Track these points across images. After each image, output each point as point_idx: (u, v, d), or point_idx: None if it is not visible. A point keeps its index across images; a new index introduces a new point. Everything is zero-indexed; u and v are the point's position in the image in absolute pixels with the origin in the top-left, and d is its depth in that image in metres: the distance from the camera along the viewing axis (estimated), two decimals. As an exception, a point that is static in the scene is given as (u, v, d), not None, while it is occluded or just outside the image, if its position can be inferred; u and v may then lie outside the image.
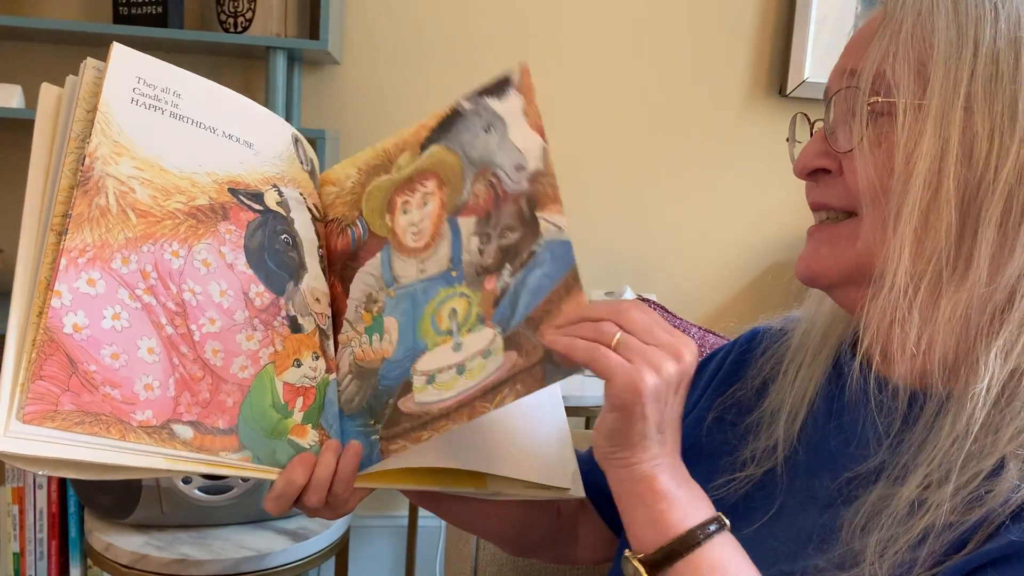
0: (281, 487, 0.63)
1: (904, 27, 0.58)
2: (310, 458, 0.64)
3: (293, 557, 1.46)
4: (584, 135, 2.11)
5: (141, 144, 0.63)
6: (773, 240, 2.18)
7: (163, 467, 0.58)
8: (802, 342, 0.71)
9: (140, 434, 0.58)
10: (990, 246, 0.55)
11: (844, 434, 0.63)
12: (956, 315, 0.56)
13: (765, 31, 2.12)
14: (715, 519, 0.57)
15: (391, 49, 2.03)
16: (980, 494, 0.53)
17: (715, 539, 0.56)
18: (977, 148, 0.55)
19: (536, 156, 0.64)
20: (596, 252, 2.15)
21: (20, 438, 0.53)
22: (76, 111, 0.61)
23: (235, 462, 0.62)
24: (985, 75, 0.55)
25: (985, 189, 0.55)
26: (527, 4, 2.06)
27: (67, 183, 0.59)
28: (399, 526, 2.15)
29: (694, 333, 1.33)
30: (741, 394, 0.74)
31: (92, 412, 0.56)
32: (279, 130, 0.72)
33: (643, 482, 0.57)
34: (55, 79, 0.65)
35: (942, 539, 0.53)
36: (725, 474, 0.69)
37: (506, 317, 0.63)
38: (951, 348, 0.57)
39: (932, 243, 0.56)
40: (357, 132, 2.04)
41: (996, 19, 0.56)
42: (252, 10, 1.80)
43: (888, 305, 0.57)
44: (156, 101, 0.65)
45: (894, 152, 0.57)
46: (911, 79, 0.57)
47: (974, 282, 0.56)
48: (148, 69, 0.66)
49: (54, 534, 1.75)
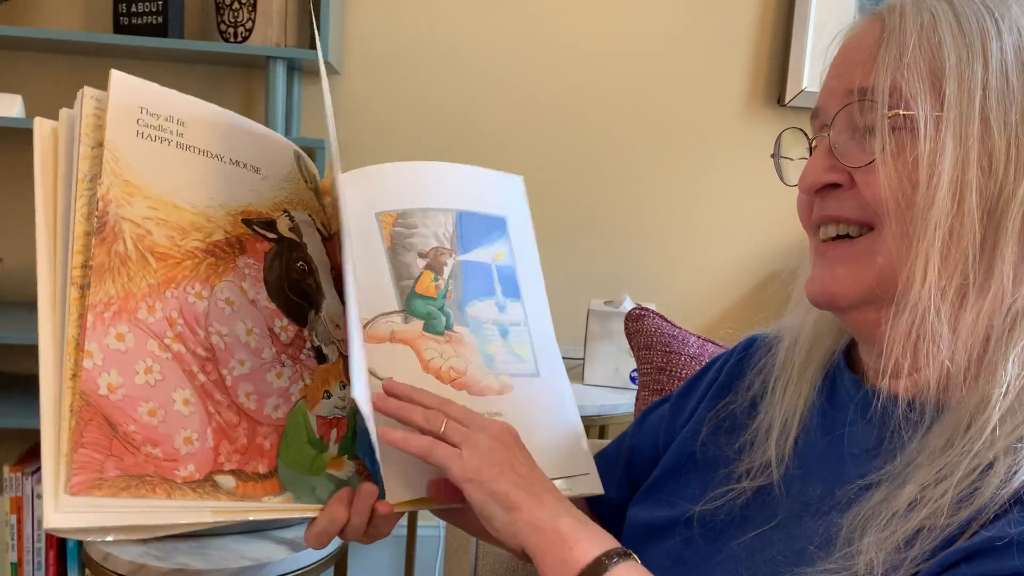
0: (324, 525, 0.64)
1: (910, 41, 0.58)
2: (349, 494, 0.65)
3: (292, 567, 1.46)
4: (584, 145, 2.12)
5: (152, 181, 0.61)
6: (772, 249, 2.19)
7: (210, 520, 0.58)
8: (787, 358, 0.71)
9: (185, 490, 0.57)
10: (1012, 256, 0.56)
11: (845, 446, 0.63)
12: (980, 325, 0.57)
13: (763, 41, 2.13)
14: (620, 551, 0.59)
15: (390, 59, 2.04)
16: (970, 492, 0.53)
17: (620, 565, 0.58)
18: (996, 160, 0.56)
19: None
20: (595, 261, 2.15)
21: (70, 512, 0.52)
22: (80, 148, 0.59)
23: (278, 505, 0.61)
24: (998, 88, 0.56)
25: (1006, 200, 0.56)
26: (525, 15, 2.07)
27: (81, 230, 0.57)
28: (398, 535, 2.14)
29: (693, 342, 1.33)
30: (735, 406, 0.75)
31: (137, 474, 0.55)
32: (282, 149, 0.72)
33: (537, 534, 0.60)
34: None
35: (933, 537, 0.53)
36: (722, 485, 0.69)
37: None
38: (972, 357, 0.58)
39: (957, 255, 0.56)
40: (356, 141, 2.05)
41: (1000, 33, 0.57)
42: (252, 20, 1.81)
43: (916, 320, 0.57)
44: (161, 132, 0.63)
45: (918, 164, 0.57)
46: (927, 92, 0.57)
47: (997, 292, 0.56)
48: (150, 97, 0.63)
49: (52, 544, 1.75)
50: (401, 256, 0.74)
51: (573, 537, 0.59)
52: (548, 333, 0.77)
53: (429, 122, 2.07)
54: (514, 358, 0.74)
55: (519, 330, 0.75)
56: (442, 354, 0.72)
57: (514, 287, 0.76)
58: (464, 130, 2.07)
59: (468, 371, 0.72)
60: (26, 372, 1.90)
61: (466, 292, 0.74)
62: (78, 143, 0.59)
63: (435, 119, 2.07)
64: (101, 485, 0.54)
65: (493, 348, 0.74)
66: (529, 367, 0.75)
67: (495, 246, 0.76)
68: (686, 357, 1.33)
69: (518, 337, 0.75)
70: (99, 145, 0.59)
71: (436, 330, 0.72)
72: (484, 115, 2.07)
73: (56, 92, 1.92)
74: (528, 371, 0.75)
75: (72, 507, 0.52)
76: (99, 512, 0.53)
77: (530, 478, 0.63)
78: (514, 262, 0.77)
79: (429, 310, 0.73)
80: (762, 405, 0.71)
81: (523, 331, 0.76)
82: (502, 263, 0.76)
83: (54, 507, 0.52)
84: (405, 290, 0.73)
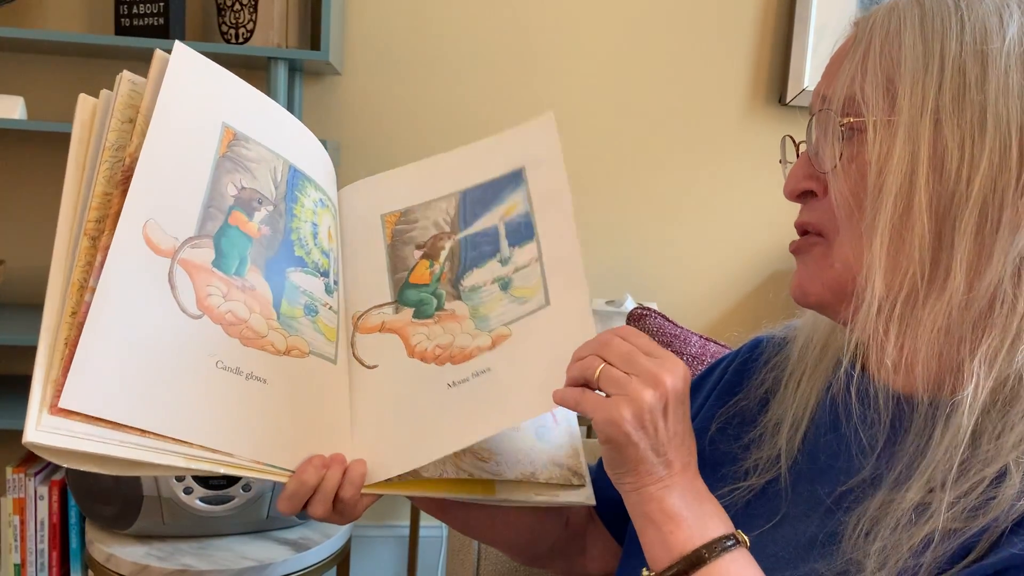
0: (293, 488, 0.65)
1: (872, 47, 0.59)
2: (322, 460, 0.65)
3: (294, 567, 1.46)
4: (585, 144, 2.12)
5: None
6: (774, 248, 2.19)
7: (182, 465, 0.59)
8: (802, 354, 0.72)
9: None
10: (967, 255, 0.56)
11: (843, 444, 0.64)
12: (938, 325, 0.57)
13: (764, 40, 2.12)
14: (725, 537, 0.58)
15: (392, 59, 2.04)
16: (983, 502, 0.53)
17: (724, 557, 0.57)
18: (948, 160, 0.56)
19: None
20: (597, 261, 2.15)
21: (49, 431, 0.54)
22: (111, 122, 0.62)
23: (249, 463, 0.62)
24: (953, 87, 0.56)
25: (959, 199, 0.56)
26: (527, 14, 2.07)
27: (101, 189, 0.61)
28: (400, 535, 2.15)
29: (695, 342, 1.33)
30: (744, 404, 0.75)
31: None
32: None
33: (652, 503, 0.59)
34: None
35: (945, 546, 0.53)
36: (728, 484, 0.69)
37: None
38: (935, 357, 0.58)
39: (907, 256, 0.57)
40: (358, 142, 2.05)
41: (962, 31, 0.57)
42: (253, 21, 1.81)
43: (868, 320, 0.58)
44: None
45: (866, 169, 0.58)
46: (880, 97, 0.58)
47: (953, 291, 0.56)
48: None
49: (55, 545, 1.75)
50: (399, 251, 0.75)
51: (678, 519, 0.58)
52: (568, 258, 0.71)
53: (429, 122, 2.07)
54: (515, 304, 0.71)
55: (526, 272, 0.72)
56: (429, 335, 0.72)
57: (527, 230, 0.73)
58: (464, 130, 2.07)
59: (454, 342, 0.71)
60: (29, 374, 1.89)
61: (463, 266, 0.74)
62: (110, 118, 0.63)
63: (435, 119, 2.07)
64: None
65: (488, 308, 0.72)
66: (535, 303, 0.71)
67: (504, 204, 0.74)
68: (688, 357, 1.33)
69: (524, 280, 0.72)
70: (129, 121, 0.63)
71: (426, 314, 0.72)
72: (484, 115, 2.07)
73: (58, 94, 1.92)
74: (532, 308, 0.71)
75: (52, 427, 0.54)
76: (75, 437, 0.55)
77: (668, 446, 0.60)
78: (530, 206, 0.74)
79: (421, 297, 0.73)
80: (774, 400, 0.72)
81: (532, 270, 0.72)
82: (512, 216, 0.74)
83: (35, 425, 0.54)
84: (399, 282, 0.74)
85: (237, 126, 0.68)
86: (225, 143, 0.67)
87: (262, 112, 0.71)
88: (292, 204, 0.71)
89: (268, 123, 0.71)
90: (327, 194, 0.76)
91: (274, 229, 0.69)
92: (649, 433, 0.58)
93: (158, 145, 0.62)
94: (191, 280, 0.62)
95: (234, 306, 0.64)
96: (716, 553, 0.57)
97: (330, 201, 0.76)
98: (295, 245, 0.70)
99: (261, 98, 0.72)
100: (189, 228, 0.63)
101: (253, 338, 0.65)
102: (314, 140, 0.76)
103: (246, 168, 0.68)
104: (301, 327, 0.68)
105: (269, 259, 0.68)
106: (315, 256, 0.71)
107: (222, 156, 0.66)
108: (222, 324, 0.63)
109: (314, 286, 0.70)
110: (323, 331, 0.70)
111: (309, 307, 0.69)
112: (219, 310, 0.63)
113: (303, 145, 0.74)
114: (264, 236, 0.68)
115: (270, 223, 0.68)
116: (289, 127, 0.74)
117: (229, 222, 0.66)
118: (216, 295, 0.63)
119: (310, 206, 0.72)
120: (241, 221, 0.67)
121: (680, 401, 0.59)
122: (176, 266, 0.62)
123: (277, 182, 0.70)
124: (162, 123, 0.63)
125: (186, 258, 0.62)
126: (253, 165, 0.68)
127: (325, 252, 0.73)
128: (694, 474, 0.61)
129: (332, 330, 0.71)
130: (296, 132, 0.74)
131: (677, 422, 0.59)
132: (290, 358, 0.67)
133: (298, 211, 0.71)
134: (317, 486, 0.65)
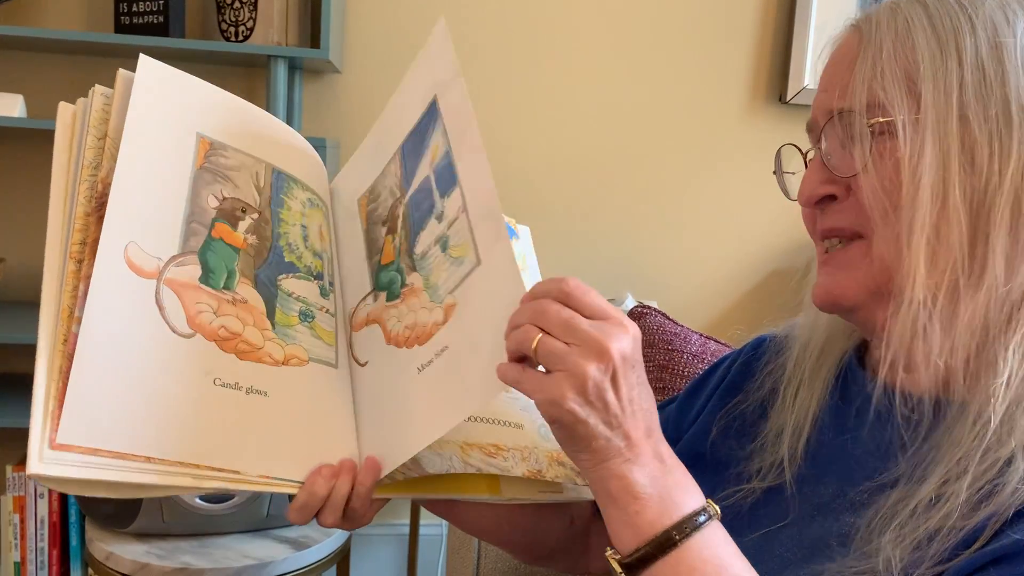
0: (304, 499, 0.63)
1: (885, 47, 0.59)
2: (331, 469, 0.64)
3: (294, 565, 1.46)
4: (585, 142, 2.12)
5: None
6: (774, 247, 2.19)
7: (189, 485, 0.58)
8: (799, 360, 0.72)
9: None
10: (1004, 248, 0.57)
11: (860, 446, 0.63)
12: (976, 319, 0.57)
13: (765, 38, 2.12)
14: (695, 513, 0.55)
15: (392, 58, 2.04)
16: (989, 489, 0.53)
17: (694, 537, 0.54)
18: (979, 155, 0.56)
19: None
20: (597, 259, 2.15)
21: (52, 464, 0.54)
22: (87, 138, 0.61)
23: (257, 479, 0.61)
24: (974, 83, 0.57)
25: (992, 193, 0.56)
26: (527, 13, 2.06)
27: (82, 211, 0.60)
28: (400, 534, 2.15)
29: (695, 340, 1.33)
30: (745, 406, 0.75)
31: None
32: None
33: (613, 481, 0.55)
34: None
35: (952, 535, 0.53)
36: (732, 485, 0.69)
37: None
38: (972, 351, 0.58)
39: (946, 252, 0.57)
40: (357, 140, 2.03)
41: (973, 29, 0.58)
42: (253, 19, 1.81)
43: (909, 319, 0.58)
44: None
45: (899, 168, 0.58)
46: (903, 96, 0.58)
47: (991, 285, 0.57)
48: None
49: (55, 543, 1.75)
50: (372, 233, 0.73)
51: (643, 498, 0.54)
52: (487, 202, 0.62)
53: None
54: (454, 267, 0.64)
55: (457, 226, 0.64)
56: (399, 318, 0.68)
57: (451, 175, 0.65)
58: (465, 129, 2.07)
59: (417, 321, 0.66)
60: (29, 372, 1.89)
61: (412, 232, 0.68)
62: (86, 134, 0.62)
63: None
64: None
65: (436, 275, 0.65)
66: (468, 263, 0.63)
67: (430, 148, 0.67)
68: (688, 355, 1.33)
69: (457, 236, 0.64)
70: (104, 136, 0.62)
71: (395, 295, 0.68)
72: (484, 114, 2.07)
73: (58, 92, 1.91)
74: (467, 269, 0.63)
75: (54, 460, 0.54)
76: (80, 467, 0.55)
77: (622, 417, 0.55)
78: (448, 143, 0.65)
79: (390, 276, 0.69)
80: (772, 408, 0.72)
81: (461, 223, 0.64)
82: (438, 160, 0.66)
83: (38, 458, 0.54)
84: (375, 267, 0.71)
85: (212, 135, 0.66)
86: (201, 154, 0.65)
87: (238, 116, 0.69)
88: (278, 208, 0.69)
89: (245, 127, 0.69)
90: (316, 192, 0.73)
91: (261, 237, 0.67)
92: (598, 408, 0.53)
93: (131, 166, 0.61)
94: (179, 299, 0.61)
95: (226, 321, 0.63)
96: (687, 533, 0.54)
97: (320, 199, 0.74)
98: (285, 251, 0.68)
99: (236, 102, 0.70)
100: (172, 246, 0.62)
101: (249, 351, 0.63)
102: (298, 138, 0.74)
103: (226, 177, 0.66)
104: (298, 335, 0.67)
105: (258, 268, 0.66)
106: (307, 259, 0.70)
107: (199, 168, 0.65)
108: (216, 340, 0.62)
109: (308, 291, 0.69)
110: (321, 336, 0.69)
111: (304, 313, 0.68)
112: (211, 326, 0.62)
113: (286, 145, 0.72)
114: (251, 245, 0.66)
115: (256, 231, 0.67)
116: (269, 128, 0.72)
117: (213, 235, 0.64)
118: (207, 311, 0.62)
119: (298, 208, 0.71)
120: (225, 233, 0.65)
121: (630, 366, 0.54)
122: (162, 287, 0.60)
123: (260, 188, 0.68)
124: (133, 143, 0.61)
125: (172, 277, 0.61)
126: (233, 173, 0.67)
127: (318, 254, 0.71)
128: (658, 439, 0.57)
129: (330, 334, 0.70)
130: (277, 132, 0.72)
131: (630, 388, 0.54)
132: (289, 368, 0.65)
133: (285, 215, 0.69)
134: (327, 496, 0.63)
